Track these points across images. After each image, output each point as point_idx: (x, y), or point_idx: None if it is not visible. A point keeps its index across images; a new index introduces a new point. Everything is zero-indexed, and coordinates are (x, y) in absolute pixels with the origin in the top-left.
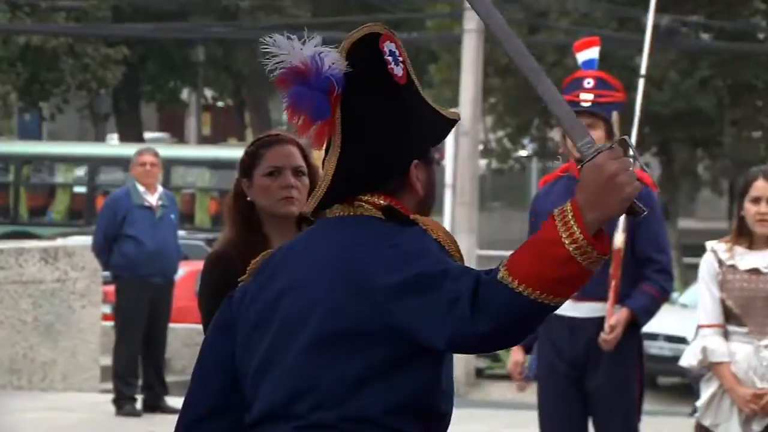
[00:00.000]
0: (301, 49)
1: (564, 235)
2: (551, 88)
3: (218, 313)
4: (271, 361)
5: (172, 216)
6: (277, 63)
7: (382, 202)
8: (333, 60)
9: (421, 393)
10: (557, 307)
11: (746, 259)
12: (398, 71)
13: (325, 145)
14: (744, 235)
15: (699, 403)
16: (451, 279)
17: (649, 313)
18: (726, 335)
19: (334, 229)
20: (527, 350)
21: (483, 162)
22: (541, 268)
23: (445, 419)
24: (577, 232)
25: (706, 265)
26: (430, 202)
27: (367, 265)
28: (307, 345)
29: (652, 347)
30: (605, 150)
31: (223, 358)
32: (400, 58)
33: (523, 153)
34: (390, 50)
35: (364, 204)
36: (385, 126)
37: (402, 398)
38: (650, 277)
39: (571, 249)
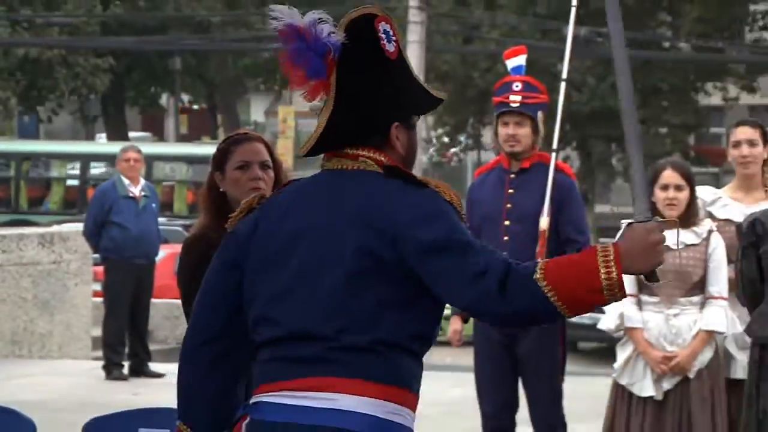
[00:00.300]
0: (302, 16)
1: (602, 270)
2: (638, 154)
3: (223, 250)
4: (292, 292)
5: (153, 205)
6: (279, 21)
7: (383, 159)
8: (330, 30)
9: (428, 323)
10: (566, 318)
11: None
12: (390, 47)
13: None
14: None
15: (616, 365)
16: (474, 252)
17: None
18: (639, 304)
19: (344, 180)
20: (465, 320)
21: (424, 157)
22: (574, 288)
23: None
24: (614, 272)
25: None
26: (410, 161)
27: (391, 216)
28: (336, 279)
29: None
30: (659, 222)
31: (226, 290)
32: (393, 37)
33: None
34: (384, 30)
35: (366, 159)
36: (373, 91)
37: (418, 327)
38: None
39: (605, 284)
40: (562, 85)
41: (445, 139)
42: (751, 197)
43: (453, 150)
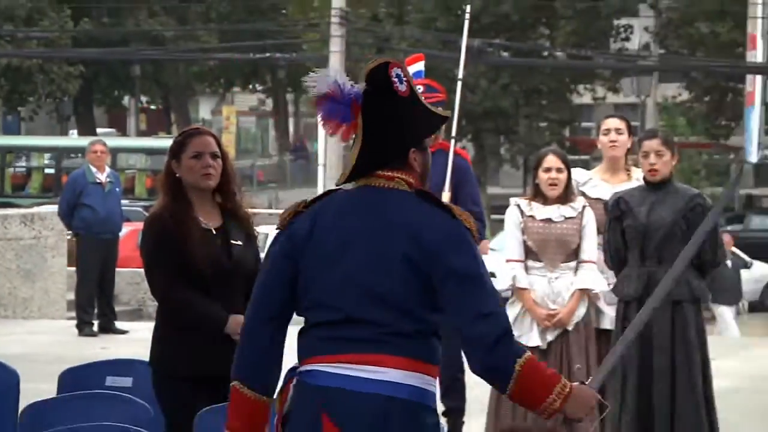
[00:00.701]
0: (328, 77)
1: (553, 395)
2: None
3: (278, 244)
4: (349, 283)
5: (117, 189)
6: (312, 89)
7: (411, 180)
8: (350, 82)
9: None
10: (508, 392)
11: (542, 211)
12: (401, 87)
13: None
14: (539, 195)
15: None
16: (486, 291)
17: None
18: (526, 269)
19: (384, 195)
20: None
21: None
22: (530, 387)
23: None
24: (557, 404)
25: (512, 214)
26: (425, 175)
27: (431, 234)
28: (387, 278)
29: None
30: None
31: (283, 279)
32: (405, 78)
33: None
34: (396, 74)
35: (400, 180)
36: (392, 125)
37: (443, 319)
38: None
39: (545, 404)
40: (459, 86)
41: None
42: (616, 178)
43: None
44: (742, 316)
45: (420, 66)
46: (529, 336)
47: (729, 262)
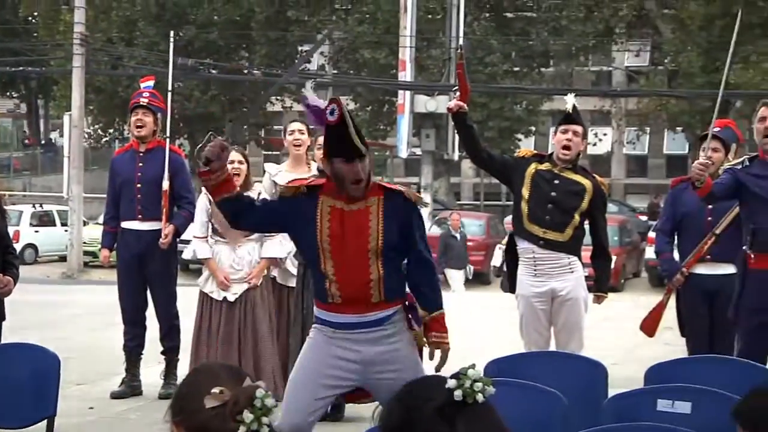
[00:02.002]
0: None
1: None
2: None
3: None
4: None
5: None
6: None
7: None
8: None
9: None
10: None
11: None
12: (332, 118)
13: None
14: None
15: (200, 279)
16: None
17: (184, 226)
18: (208, 242)
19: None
20: (110, 249)
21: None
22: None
23: None
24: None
25: (202, 201)
26: (335, 180)
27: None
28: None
29: (184, 248)
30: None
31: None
32: (337, 112)
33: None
34: (330, 109)
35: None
36: (329, 141)
37: None
38: (185, 207)
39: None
40: (169, 95)
41: (100, 132)
42: (299, 170)
43: (105, 139)
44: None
45: (150, 82)
46: (219, 292)
47: (458, 235)
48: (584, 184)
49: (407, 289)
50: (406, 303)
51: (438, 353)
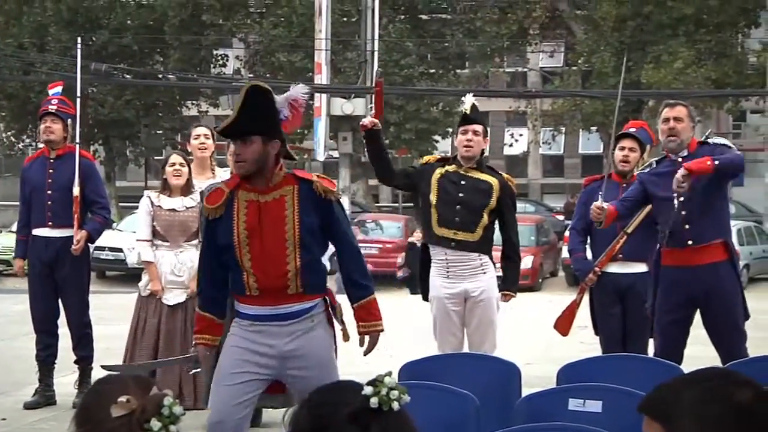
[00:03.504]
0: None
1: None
2: None
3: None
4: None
5: None
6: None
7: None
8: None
9: None
10: None
11: (168, 202)
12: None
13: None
14: (166, 189)
15: (141, 284)
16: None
17: (98, 232)
18: (153, 246)
19: None
20: (23, 258)
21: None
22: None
23: None
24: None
25: (145, 204)
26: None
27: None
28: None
29: (101, 254)
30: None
31: None
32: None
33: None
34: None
35: None
36: None
37: None
38: (98, 212)
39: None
40: (78, 101)
41: (13, 139)
42: (203, 176)
43: (18, 146)
44: None
45: (59, 88)
46: (165, 296)
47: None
48: (491, 182)
49: (334, 287)
50: (326, 299)
51: (367, 339)
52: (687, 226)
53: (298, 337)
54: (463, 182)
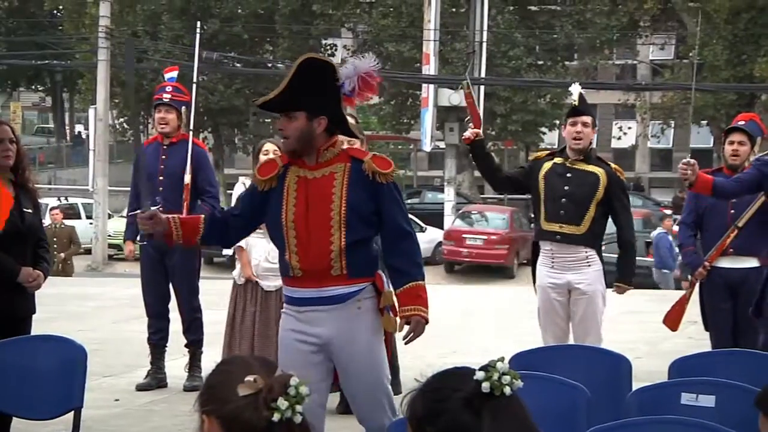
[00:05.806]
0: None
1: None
2: None
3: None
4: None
5: None
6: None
7: None
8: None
9: None
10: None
11: None
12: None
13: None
14: None
15: (234, 272)
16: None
17: None
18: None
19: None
20: (134, 241)
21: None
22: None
23: None
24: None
25: (239, 190)
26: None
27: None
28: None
29: None
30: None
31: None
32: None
33: None
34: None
35: None
36: None
37: None
38: (208, 201)
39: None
40: (194, 87)
41: (125, 125)
42: None
43: (130, 132)
44: None
45: (174, 74)
46: (265, 283)
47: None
48: (597, 173)
49: (383, 274)
50: (375, 285)
51: (406, 326)
52: None
53: (343, 322)
54: (569, 175)
